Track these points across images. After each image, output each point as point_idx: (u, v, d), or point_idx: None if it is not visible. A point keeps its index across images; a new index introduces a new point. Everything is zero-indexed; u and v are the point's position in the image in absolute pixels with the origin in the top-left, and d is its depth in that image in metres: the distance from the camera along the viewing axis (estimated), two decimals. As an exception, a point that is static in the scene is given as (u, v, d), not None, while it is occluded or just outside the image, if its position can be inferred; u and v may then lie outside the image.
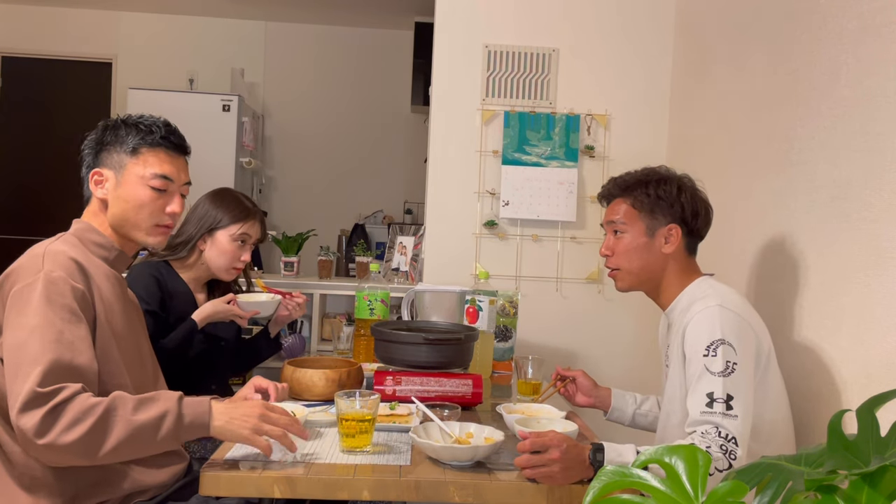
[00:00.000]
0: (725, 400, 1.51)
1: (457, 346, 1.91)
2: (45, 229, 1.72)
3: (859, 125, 1.64)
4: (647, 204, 1.74)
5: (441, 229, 2.96)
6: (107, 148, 1.60)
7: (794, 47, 1.96)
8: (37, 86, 5.70)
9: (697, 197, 1.77)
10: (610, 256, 1.79)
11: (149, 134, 1.60)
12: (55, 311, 1.39)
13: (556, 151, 2.92)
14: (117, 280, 1.59)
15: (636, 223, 1.75)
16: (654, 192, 1.74)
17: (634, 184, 1.77)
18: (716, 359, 1.55)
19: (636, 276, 1.78)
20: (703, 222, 1.77)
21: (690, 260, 1.79)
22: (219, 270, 2.17)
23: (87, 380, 1.39)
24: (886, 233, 1.53)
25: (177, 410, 1.38)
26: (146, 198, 1.59)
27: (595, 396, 1.99)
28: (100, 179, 1.59)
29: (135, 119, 1.63)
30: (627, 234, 1.76)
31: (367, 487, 1.37)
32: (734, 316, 1.60)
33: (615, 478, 0.82)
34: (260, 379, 1.75)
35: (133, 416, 1.35)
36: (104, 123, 1.64)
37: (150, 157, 1.60)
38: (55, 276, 1.42)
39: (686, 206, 1.74)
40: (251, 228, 2.18)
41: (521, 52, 2.93)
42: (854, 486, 0.78)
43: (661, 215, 1.74)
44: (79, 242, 1.56)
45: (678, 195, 1.74)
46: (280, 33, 5.82)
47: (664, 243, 1.74)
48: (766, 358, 1.65)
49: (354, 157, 5.87)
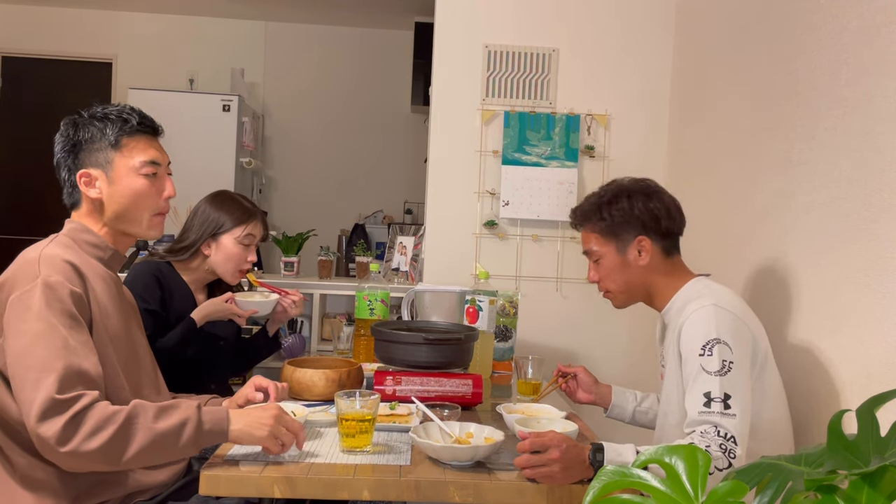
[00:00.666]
0: (723, 399, 1.51)
1: (457, 346, 1.91)
2: (45, 229, 1.72)
3: (859, 125, 1.64)
4: (608, 227, 1.77)
5: (441, 229, 2.95)
6: (85, 147, 1.57)
7: (794, 47, 1.96)
8: (37, 86, 5.70)
9: (654, 200, 1.76)
10: (597, 282, 1.84)
11: (125, 123, 1.57)
12: (57, 316, 1.38)
13: (556, 151, 2.92)
14: (112, 280, 1.59)
15: (605, 247, 1.79)
16: (608, 214, 1.77)
17: (590, 212, 1.81)
18: (712, 358, 1.55)
19: (626, 294, 1.81)
20: (669, 222, 1.77)
21: (674, 261, 1.79)
22: (225, 274, 2.17)
23: (98, 385, 1.39)
24: (886, 233, 1.53)
25: (197, 418, 1.38)
26: (142, 187, 1.57)
27: (596, 393, 2.00)
28: (89, 180, 1.56)
29: (101, 112, 1.59)
30: (603, 259, 1.80)
31: (367, 487, 1.37)
32: (729, 315, 1.60)
33: (615, 478, 0.82)
34: (260, 378, 1.75)
35: (154, 423, 1.35)
36: (71, 122, 1.59)
37: (133, 145, 1.58)
38: (53, 280, 1.41)
39: (643, 216, 1.75)
40: (255, 229, 2.18)
41: (521, 52, 2.93)
42: (854, 486, 0.78)
43: (624, 233, 1.76)
44: (73, 243, 1.54)
45: (631, 208, 1.75)
46: (280, 33, 5.82)
47: (638, 256, 1.76)
48: (764, 356, 1.65)
49: (354, 157, 5.87)
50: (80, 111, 1.61)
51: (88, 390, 1.34)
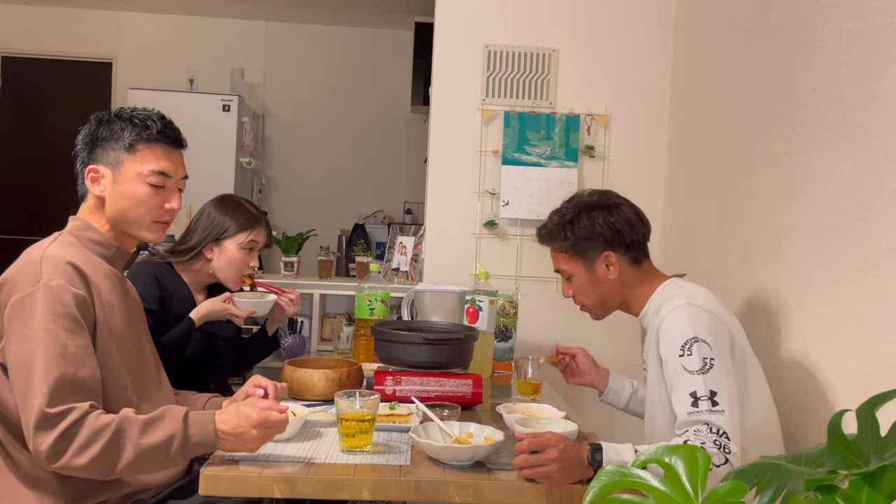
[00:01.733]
0: (709, 396, 1.52)
1: (457, 346, 1.91)
2: (45, 229, 1.71)
3: (859, 125, 1.64)
4: (573, 246, 1.79)
5: (441, 229, 2.95)
6: (102, 144, 1.56)
7: (794, 47, 1.96)
8: (37, 86, 5.69)
9: (615, 214, 1.76)
10: (572, 297, 1.85)
11: (145, 129, 1.56)
12: (58, 321, 1.38)
13: (556, 151, 2.92)
14: (117, 278, 1.59)
15: (574, 265, 1.80)
16: (570, 234, 1.78)
17: (554, 232, 1.82)
18: (692, 357, 1.55)
19: (601, 307, 1.84)
20: (632, 234, 1.77)
21: (644, 268, 1.80)
22: (227, 280, 2.17)
23: (93, 392, 1.40)
24: (886, 233, 1.53)
25: (183, 433, 1.38)
26: (144, 195, 1.56)
27: (594, 374, 2.02)
28: (96, 176, 1.56)
29: (129, 113, 1.58)
30: (574, 277, 1.82)
31: (367, 487, 1.37)
32: (704, 313, 1.61)
33: (615, 478, 0.82)
34: (259, 378, 1.75)
35: (141, 439, 1.35)
36: (97, 117, 1.60)
37: (147, 153, 1.56)
38: (54, 284, 1.40)
39: (605, 231, 1.75)
40: (258, 235, 2.18)
41: (521, 53, 2.93)
42: (854, 486, 0.78)
43: (589, 250, 1.77)
44: (76, 241, 1.54)
45: (592, 225, 1.76)
46: (280, 33, 5.81)
47: (607, 270, 1.77)
48: (742, 352, 1.66)
49: (354, 156, 5.86)
50: (113, 110, 1.61)
51: (80, 402, 1.35)
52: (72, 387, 1.35)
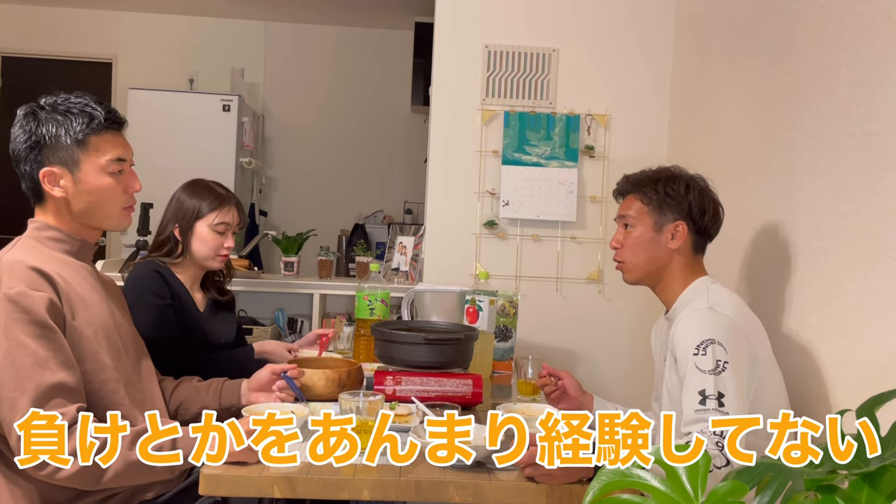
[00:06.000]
0: (717, 397, 1.52)
1: (457, 346, 1.91)
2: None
3: (859, 125, 1.64)
4: (656, 200, 1.78)
5: (441, 229, 2.96)
6: (48, 144, 1.50)
7: (794, 47, 1.96)
8: (37, 86, 5.67)
9: (707, 196, 1.79)
10: (619, 249, 1.84)
11: (92, 120, 1.51)
12: (23, 328, 1.36)
13: (556, 151, 2.92)
14: (87, 270, 1.57)
15: (645, 218, 1.79)
16: (662, 189, 1.78)
17: (646, 181, 1.81)
18: (705, 357, 1.55)
19: (641, 270, 1.81)
20: (711, 221, 1.79)
21: (696, 258, 1.80)
22: (205, 260, 2.18)
23: (75, 392, 1.39)
24: (886, 233, 1.53)
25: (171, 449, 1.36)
26: (109, 185, 1.53)
27: (581, 398, 1.99)
28: (53, 178, 1.51)
29: (63, 105, 1.51)
30: (636, 229, 1.80)
31: (367, 487, 1.37)
32: (725, 318, 1.61)
33: (615, 478, 0.82)
34: (273, 366, 1.80)
35: (129, 451, 1.34)
36: (31, 113, 1.53)
37: (101, 143, 1.52)
38: (13, 292, 1.38)
39: (693, 204, 1.76)
40: (227, 215, 2.18)
41: (521, 52, 2.93)
42: (854, 486, 0.78)
43: (668, 212, 1.77)
44: (37, 244, 1.52)
45: (686, 193, 1.77)
46: (280, 33, 5.81)
47: (670, 239, 1.77)
48: (765, 361, 1.65)
49: (354, 157, 5.86)
50: (40, 102, 1.54)
51: (62, 407, 1.34)
52: (53, 392, 1.35)
